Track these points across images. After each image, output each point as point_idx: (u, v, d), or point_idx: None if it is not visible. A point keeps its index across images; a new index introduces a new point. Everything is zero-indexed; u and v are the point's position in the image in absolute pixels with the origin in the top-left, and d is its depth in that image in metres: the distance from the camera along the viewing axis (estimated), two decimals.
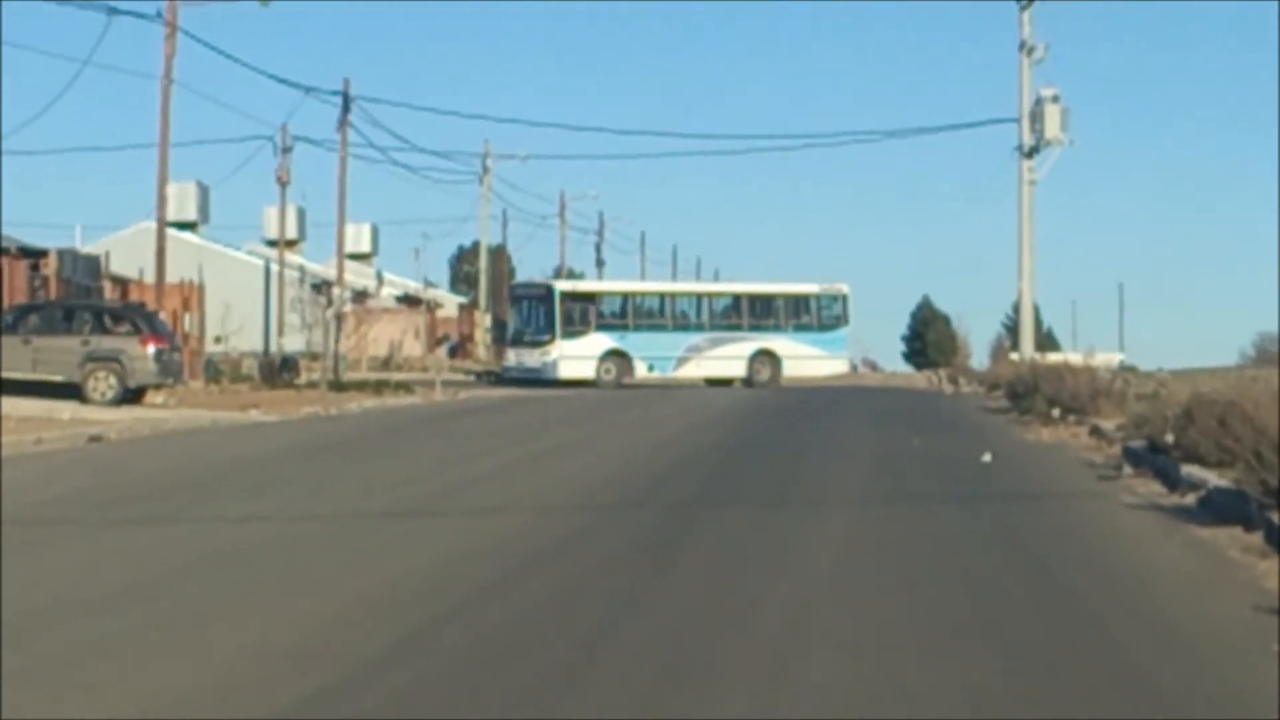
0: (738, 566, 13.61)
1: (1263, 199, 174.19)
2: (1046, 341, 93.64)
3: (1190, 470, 20.08)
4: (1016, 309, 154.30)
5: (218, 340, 74.79)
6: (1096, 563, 14.38)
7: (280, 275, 76.32)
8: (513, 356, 64.46)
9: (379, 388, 52.94)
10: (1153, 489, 20.69)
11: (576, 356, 62.18)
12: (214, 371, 61.98)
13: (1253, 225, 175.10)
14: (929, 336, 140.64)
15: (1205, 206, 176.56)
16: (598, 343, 62.76)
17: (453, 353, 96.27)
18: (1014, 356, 76.97)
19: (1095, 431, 29.52)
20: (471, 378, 69.97)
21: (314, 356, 66.45)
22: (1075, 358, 54.83)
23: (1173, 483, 20.27)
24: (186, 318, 63.58)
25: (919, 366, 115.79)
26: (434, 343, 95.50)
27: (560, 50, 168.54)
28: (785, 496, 19.66)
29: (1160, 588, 13.06)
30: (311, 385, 54.94)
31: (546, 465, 23.80)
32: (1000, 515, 17.97)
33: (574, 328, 62.55)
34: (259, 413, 40.05)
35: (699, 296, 67.77)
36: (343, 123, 67.72)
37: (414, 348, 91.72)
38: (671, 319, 65.02)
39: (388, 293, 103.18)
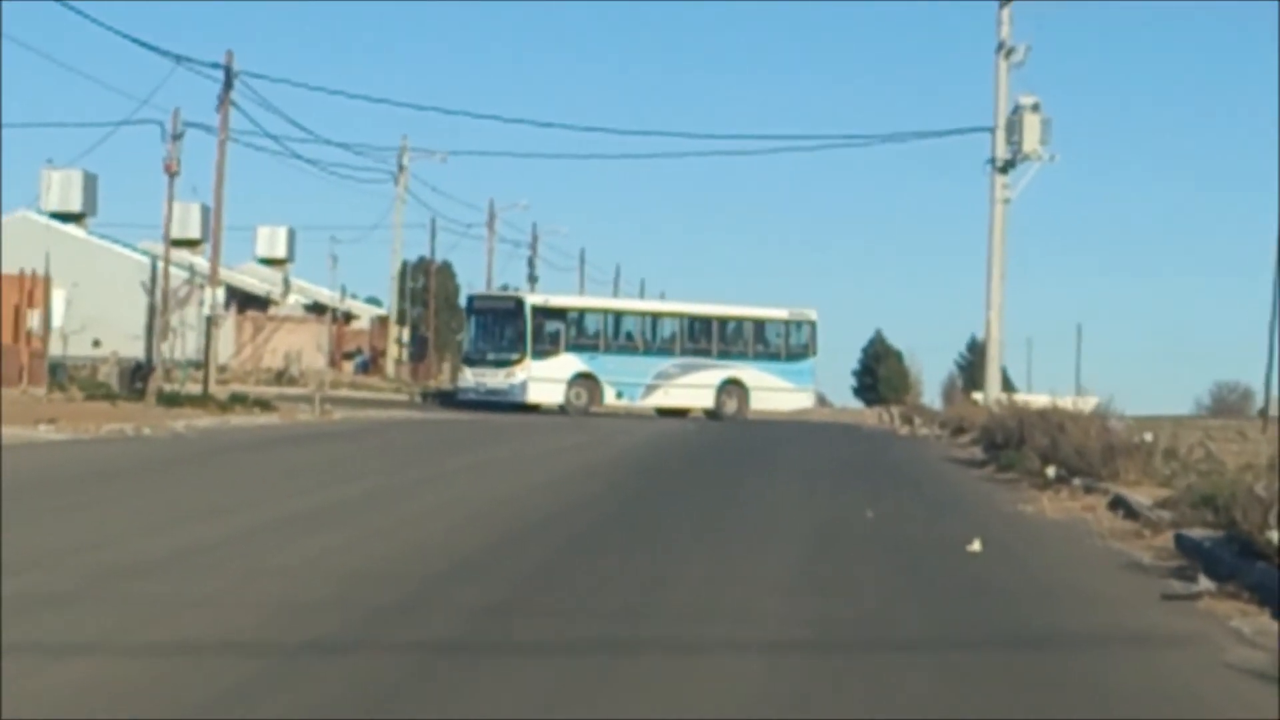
0: None
1: (1232, 239, 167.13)
2: (1001, 381, 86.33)
3: None
4: (971, 347, 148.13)
5: (96, 344, 67.52)
6: None
7: (165, 274, 68.33)
8: (470, 376, 59.13)
9: (230, 404, 44.57)
10: (1260, 624, 12.50)
11: (546, 379, 57.32)
12: (61, 377, 53.91)
13: (1219, 271, 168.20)
14: (880, 372, 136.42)
15: (1173, 245, 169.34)
16: (567, 364, 57.93)
17: (364, 368, 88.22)
18: (977, 396, 69.56)
19: (1119, 505, 21.28)
20: (403, 397, 63.16)
21: (198, 366, 60.41)
22: (1042, 399, 47.27)
23: None
24: (33, 314, 55.26)
25: (869, 403, 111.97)
26: (340, 356, 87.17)
27: (491, 40, 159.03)
28: (643, 622, 11.35)
29: None
30: (170, 398, 46.60)
31: (287, 539, 15.34)
32: (1023, 688, 9.70)
33: (544, 347, 57.72)
34: (50, 428, 32.19)
35: (671, 317, 62.41)
36: (224, 101, 59.28)
37: (317, 361, 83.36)
38: (643, 342, 60.53)
39: (296, 300, 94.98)
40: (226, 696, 8.30)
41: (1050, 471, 26.39)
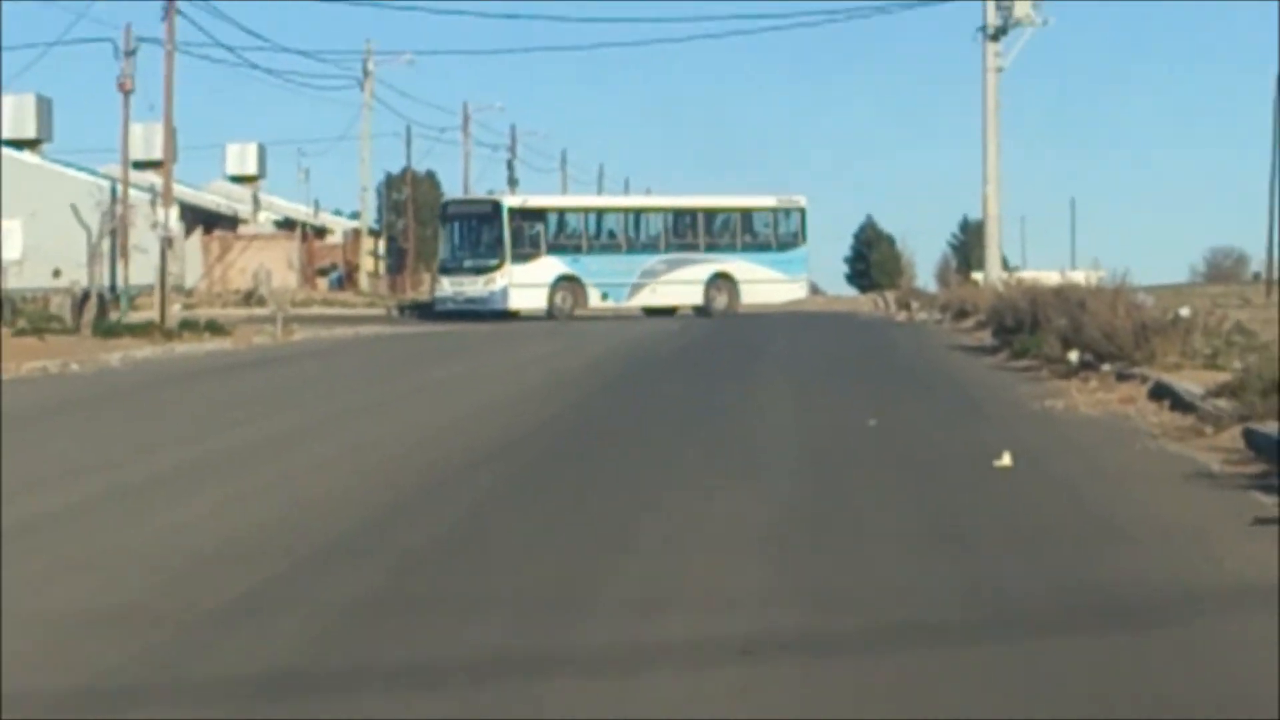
0: None
1: (1225, 106, 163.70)
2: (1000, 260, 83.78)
3: None
4: (964, 227, 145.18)
5: (57, 274, 64.58)
6: None
7: (124, 196, 65.24)
8: (448, 285, 56.54)
9: (179, 331, 41.44)
10: None
11: (527, 284, 54.90)
12: (11, 310, 50.76)
13: (1210, 138, 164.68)
14: (873, 258, 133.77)
15: (1164, 112, 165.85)
16: (549, 268, 55.50)
17: (339, 284, 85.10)
18: (977, 277, 66.63)
19: (1164, 395, 18.17)
20: (378, 312, 60.33)
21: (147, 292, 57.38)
22: (1052, 275, 44.21)
23: None
24: None
25: (863, 289, 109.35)
26: (314, 273, 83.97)
27: None
28: (572, 620, 8.22)
29: None
30: (110, 328, 43.42)
31: (147, 506, 12.18)
32: (1132, 699, 6.64)
33: (524, 250, 55.28)
34: None
35: (654, 213, 60.15)
36: (169, 10, 55.74)
37: (290, 280, 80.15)
38: (626, 240, 58.38)
39: (268, 218, 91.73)
40: None
41: (1074, 357, 23.33)
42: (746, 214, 59.84)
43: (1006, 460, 13.83)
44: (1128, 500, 12.19)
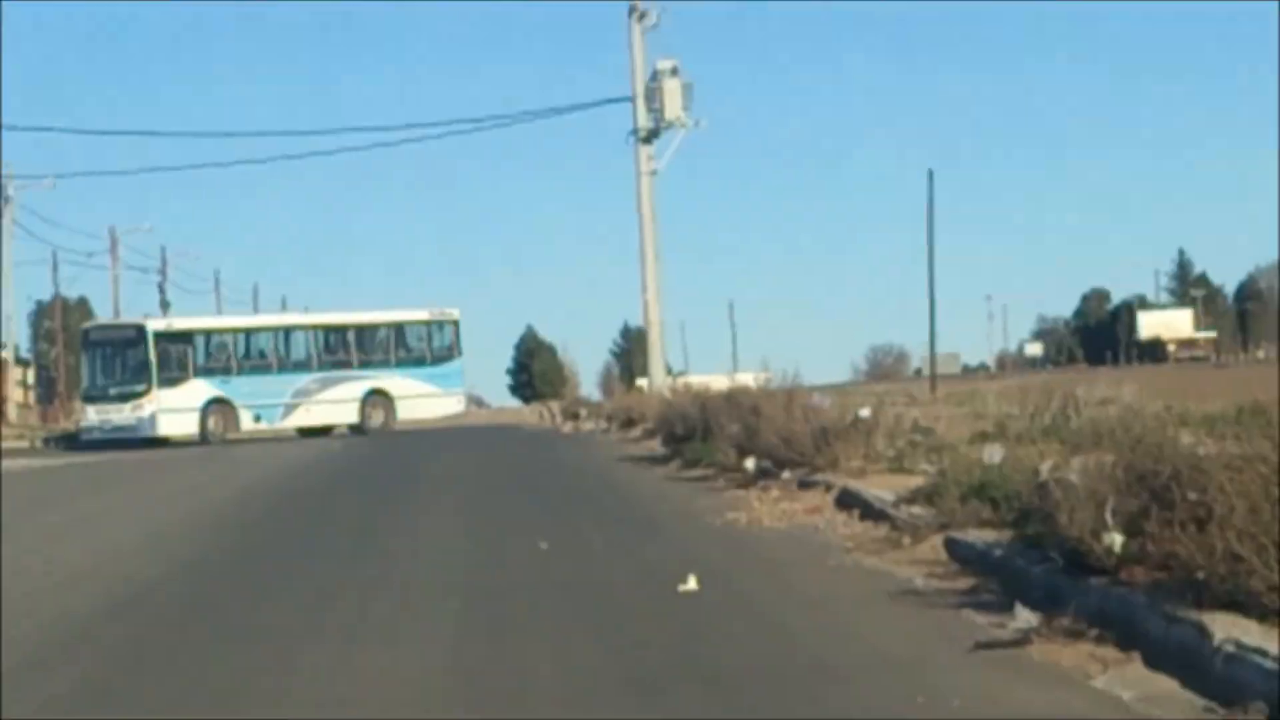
0: None
1: (875, 200, 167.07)
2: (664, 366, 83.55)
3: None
4: (625, 334, 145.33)
5: None
6: None
7: None
8: (93, 414, 54.82)
9: None
10: (1147, 682, 8.37)
11: (177, 409, 53.67)
12: None
13: (862, 234, 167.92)
14: (535, 368, 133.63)
15: (818, 207, 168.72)
16: (199, 391, 54.45)
17: None
18: (642, 384, 65.97)
19: (852, 503, 17.02)
20: (24, 445, 57.37)
21: None
22: (720, 380, 43.55)
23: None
24: None
25: (527, 400, 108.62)
26: None
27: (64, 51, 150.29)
28: None
29: None
30: None
31: None
32: None
33: (171, 374, 54.14)
34: None
35: (304, 330, 59.10)
36: None
37: None
38: (276, 360, 56.88)
39: None
40: None
41: (750, 465, 22.21)
42: (399, 328, 59.02)
43: (692, 584, 12.47)
44: (832, 627, 10.87)
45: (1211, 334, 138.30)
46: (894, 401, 36.85)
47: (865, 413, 20.41)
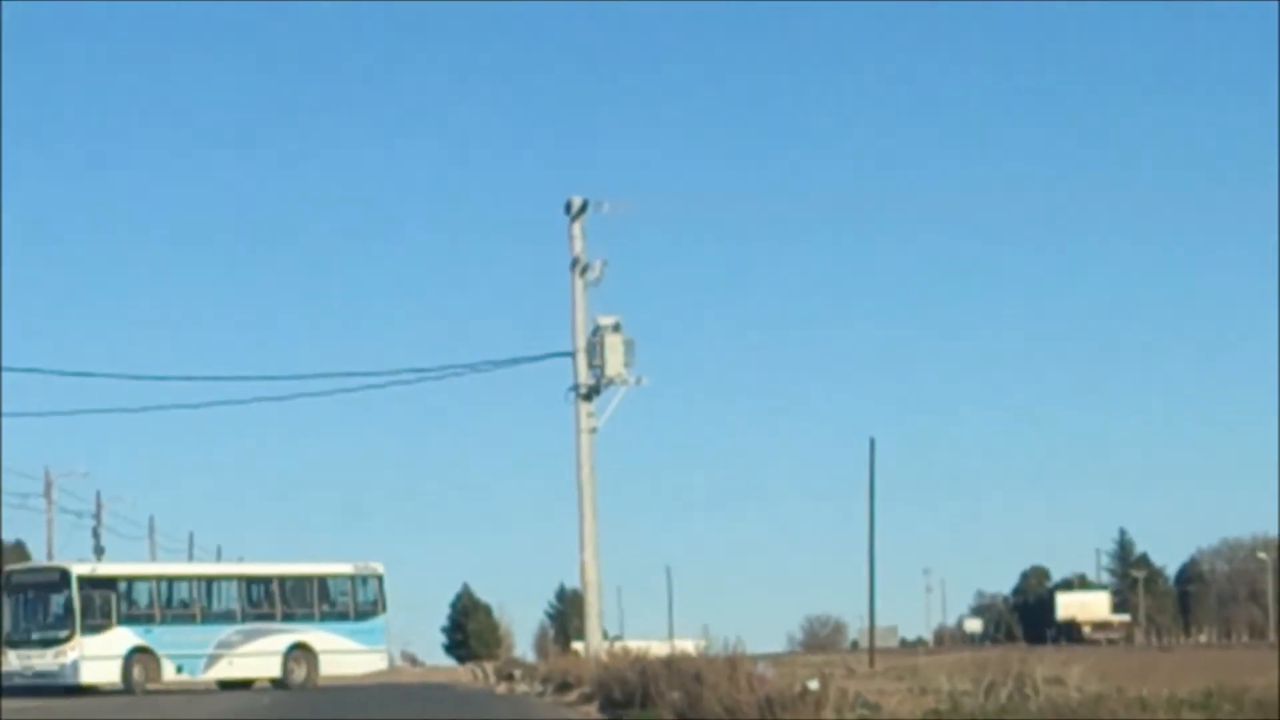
0: None
1: (822, 482, 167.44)
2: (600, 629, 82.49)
3: None
4: (560, 595, 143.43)
5: None
6: None
7: None
8: (15, 660, 53.37)
9: None
10: None
11: (100, 656, 52.34)
12: None
13: (804, 508, 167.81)
14: (470, 627, 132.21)
15: (759, 479, 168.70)
16: (122, 639, 53.05)
17: None
18: (577, 647, 64.89)
19: None
20: None
21: None
22: (660, 645, 42.74)
23: None
24: None
25: (461, 659, 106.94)
26: None
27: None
28: None
29: None
30: None
31: None
32: None
33: (95, 621, 52.78)
34: None
35: (228, 580, 58.14)
36: None
37: None
38: (200, 610, 55.96)
39: None
40: None
41: None
42: (322, 581, 58.15)
43: None
44: None
45: (1126, 617, 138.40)
46: (833, 673, 35.92)
47: (814, 685, 19.43)
